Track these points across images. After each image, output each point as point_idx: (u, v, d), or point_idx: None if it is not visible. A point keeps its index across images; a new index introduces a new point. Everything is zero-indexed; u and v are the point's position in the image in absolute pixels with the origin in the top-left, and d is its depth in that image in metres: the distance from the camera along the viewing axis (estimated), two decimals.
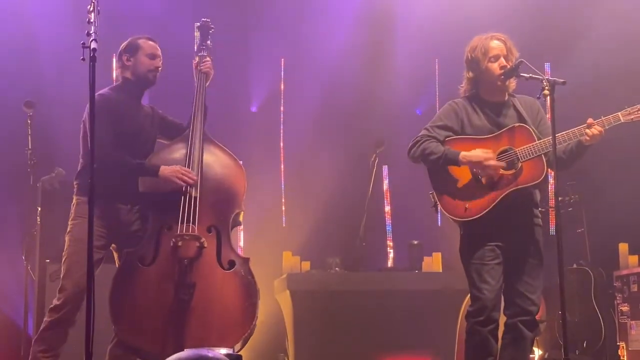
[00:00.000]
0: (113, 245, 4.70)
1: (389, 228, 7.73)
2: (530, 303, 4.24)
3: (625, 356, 6.54)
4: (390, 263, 7.55)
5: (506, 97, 4.41)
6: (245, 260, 4.63)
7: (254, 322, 4.54)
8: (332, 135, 7.60)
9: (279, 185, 7.71)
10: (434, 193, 4.39)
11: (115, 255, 4.74)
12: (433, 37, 7.33)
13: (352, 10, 7.55)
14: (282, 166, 7.74)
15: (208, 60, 4.98)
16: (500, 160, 4.24)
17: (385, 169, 7.81)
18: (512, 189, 4.21)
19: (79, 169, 4.71)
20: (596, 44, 7.18)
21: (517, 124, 4.30)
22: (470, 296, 4.31)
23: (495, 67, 4.30)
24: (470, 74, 4.40)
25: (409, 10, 7.52)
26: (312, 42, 7.56)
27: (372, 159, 6.65)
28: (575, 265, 6.94)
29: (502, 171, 4.23)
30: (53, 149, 6.57)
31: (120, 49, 4.87)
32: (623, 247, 6.88)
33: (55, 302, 4.52)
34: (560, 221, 4.29)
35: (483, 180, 4.25)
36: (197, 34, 5.08)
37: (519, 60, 4.29)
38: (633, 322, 6.52)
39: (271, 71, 7.77)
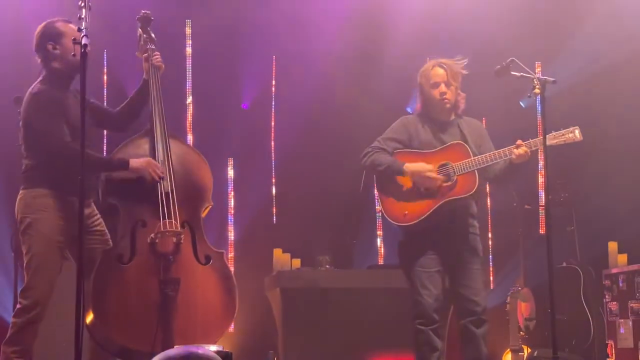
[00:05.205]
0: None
1: (379, 226, 7.73)
2: (474, 305, 4.63)
3: (613, 354, 6.56)
4: (380, 261, 7.55)
5: (452, 117, 4.78)
6: (221, 254, 4.67)
7: (234, 316, 4.61)
8: (323, 133, 7.59)
9: (269, 183, 7.69)
10: (379, 196, 4.75)
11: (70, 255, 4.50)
12: (425, 35, 7.31)
13: (344, 8, 7.54)
14: (273, 164, 7.73)
15: (158, 54, 4.80)
16: (440, 173, 4.59)
17: None
18: (446, 199, 4.58)
19: (28, 163, 4.43)
20: (588, 42, 7.19)
21: (456, 142, 4.67)
22: (412, 300, 4.62)
23: (435, 93, 4.70)
24: (419, 97, 4.81)
25: (401, 8, 7.50)
26: (304, 40, 7.54)
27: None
28: (564, 264, 6.95)
29: (440, 183, 4.57)
30: None
31: (37, 37, 4.45)
32: (612, 246, 6.90)
33: (23, 302, 4.32)
34: (550, 220, 4.33)
35: (422, 189, 4.60)
36: (139, 29, 4.84)
37: (510, 58, 4.38)
38: (622, 320, 6.54)
39: (262, 69, 7.75)
